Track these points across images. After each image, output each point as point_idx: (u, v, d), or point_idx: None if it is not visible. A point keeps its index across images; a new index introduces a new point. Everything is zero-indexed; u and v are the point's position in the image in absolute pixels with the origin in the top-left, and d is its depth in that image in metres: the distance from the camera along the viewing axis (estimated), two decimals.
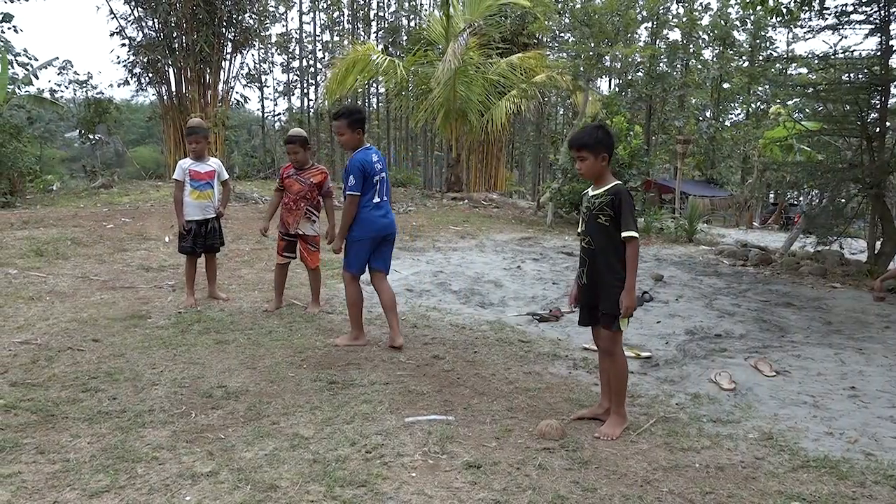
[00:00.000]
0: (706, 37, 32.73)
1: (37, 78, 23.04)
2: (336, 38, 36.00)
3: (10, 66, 20.46)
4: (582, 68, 16.41)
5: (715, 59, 33.51)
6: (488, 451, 3.36)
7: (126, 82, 24.94)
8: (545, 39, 24.76)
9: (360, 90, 28.76)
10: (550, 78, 17.74)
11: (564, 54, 19.41)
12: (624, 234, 3.52)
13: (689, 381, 4.65)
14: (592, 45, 16.20)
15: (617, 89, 31.21)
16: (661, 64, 30.13)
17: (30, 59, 24.82)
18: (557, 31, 25.62)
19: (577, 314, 3.89)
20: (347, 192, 4.99)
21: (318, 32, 37.18)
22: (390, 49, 30.00)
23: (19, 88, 20.82)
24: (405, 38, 31.53)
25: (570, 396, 4.22)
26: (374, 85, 32.87)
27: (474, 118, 18.09)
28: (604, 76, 30.11)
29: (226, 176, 6.56)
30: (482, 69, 18.06)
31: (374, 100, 37.60)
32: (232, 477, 3.04)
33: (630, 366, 4.84)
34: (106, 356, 4.79)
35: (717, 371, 4.78)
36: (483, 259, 9.42)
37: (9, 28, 23.85)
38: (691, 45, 32.01)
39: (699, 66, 32.50)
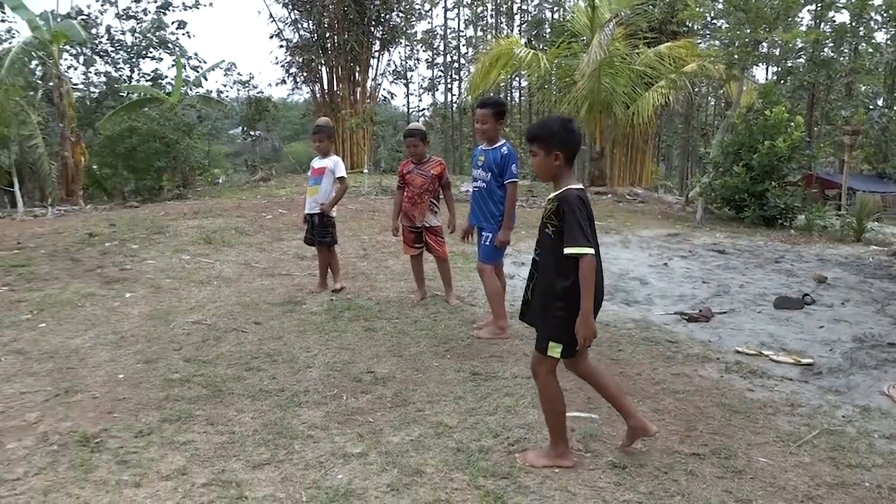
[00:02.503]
0: (879, 18, 29.88)
1: (206, 79, 24.97)
2: (479, 34, 36.32)
3: (183, 70, 22.29)
4: (736, 56, 15.52)
5: (889, 42, 30.55)
6: (633, 453, 3.28)
7: (283, 81, 26.61)
8: (696, 27, 23.65)
9: (502, 84, 28.84)
10: (701, 67, 16.94)
11: (717, 42, 18.43)
12: (566, 251, 2.92)
13: (858, 393, 4.29)
14: (748, 31, 15.25)
15: (775, 77, 29.26)
16: (826, 49, 27.87)
17: (200, 62, 26.98)
18: (710, 18, 24.38)
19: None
20: (513, 180, 5.13)
21: (461, 28, 37.67)
22: (533, 42, 29.84)
23: (191, 90, 22.66)
24: (549, 30, 31.24)
25: (721, 401, 4.02)
26: (517, 79, 32.81)
27: (619, 110, 17.63)
28: (760, 64, 28.35)
29: (340, 173, 6.54)
30: (628, 60, 17.55)
31: (517, 94, 37.58)
32: (380, 459, 3.17)
33: (789, 372, 4.55)
34: (266, 338, 5.13)
35: (891, 384, 4.38)
36: (627, 255, 9.17)
37: (183, 34, 25.98)
38: (861, 28, 29.37)
39: (870, 51, 29.75)
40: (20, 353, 4.79)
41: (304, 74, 25.30)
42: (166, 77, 26.79)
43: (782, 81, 27.23)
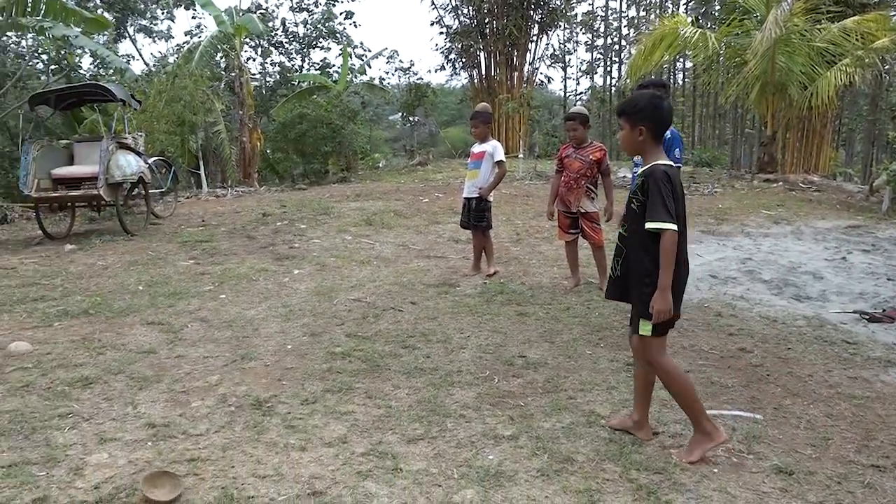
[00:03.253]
0: None
1: (369, 67, 25.92)
2: (642, 14, 34.99)
3: (349, 58, 23.31)
4: None
5: None
6: (802, 459, 3.07)
7: (442, 67, 27.00)
8: None
9: (665, 66, 27.65)
10: (895, 42, 15.28)
11: None
12: (647, 226, 2.92)
13: None
14: None
15: None
16: None
17: (365, 51, 28.04)
18: None
19: None
20: (677, 165, 4.85)
21: (623, 8, 36.48)
22: (700, 21, 28.31)
23: (356, 77, 23.65)
24: (718, 7, 29.49)
25: None
26: (681, 60, 31.33)
27: (795, 91, 16.31)
28: None
29: (499, 157, 6.49)
30: (808, 36, 16.17)
31: (681, 76, 35.89)
32: (531, 444, 3.18)
33: None
34: (421, 318, 5.29)
35: None
36: (800, 247, 8.53)
37: (350, 24, 27.13)
38: None
39: None
40: (204, 320, 5.26)
41: (463, 60, 25.64)
42: (333, 66, 28.11)
43: None
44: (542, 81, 30.22)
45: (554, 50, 34.26)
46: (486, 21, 24.47)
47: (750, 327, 5.17)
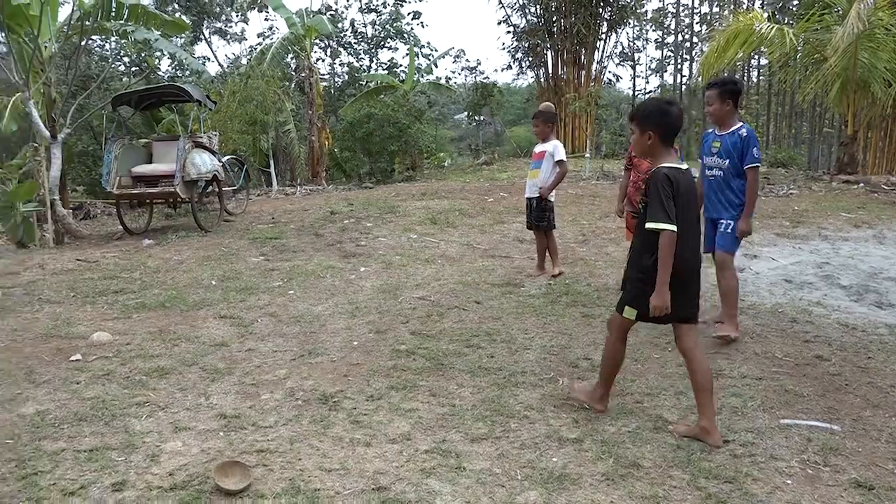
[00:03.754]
0: None
1: (436, 67, 26.09)
2: (716, 9, 34.04)
3: (416, 58, 23.49)
4: None
5: None
6: (883, 473, 2.94)
7: (508, 67, 26.90)
8: None
9: (738, 63, 26.84)
10: None
11: None
12: (646, 225, 3.15)
13: None
14: None
15: None
16: None
17: (431, 50, 28.22)
18: None
19: None
20: (755, 165, 4.69)
21: (696, 4, 35.60)
22: (777, 16, 27.37)
23: (422, 77, 23.82)
24: (796, 2, 28.46)
25: None
26: (756, 57, 30.35)
27: (878, 89, 15.57)
28: None
29: (559, 157, 6.41)
30: (893, 31, 15.44)
31: (755, 73, 34.77)
32: (595, 447, 3.14)
33: None
34: (486, 317, 5.29)
35: None
36: (882, 252, 8.14)
37: (417, 24, 27.34)
38: None
39: None
40: (273, 315, 5.40)
41: (530, 59, 25.50)
42: (401, 66, 28.39)
43: None
44: (610, 80, 29.81)
45: (623, 48, 33.75)
46: (554, 19, 24.26)
47: (827, 334, 4.97)
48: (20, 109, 12.41)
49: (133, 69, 21.87)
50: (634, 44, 36.41)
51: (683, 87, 34.37)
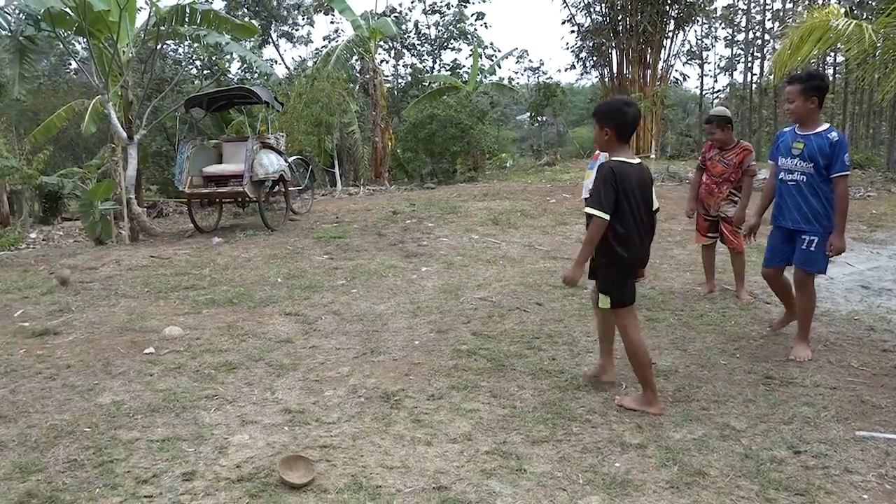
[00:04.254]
0: None
1: (499, 67, 26.03)
2: (789, 6, 32.92)
3: (479, 58, 23.49)
4: None
5: None
6: None
7: (572, 66, 26.61)
8: None
9: (813, 61, 25.89)
10: None
11: None
12: (584, 209, 3.55)
13: None
14: None
15: None
16: None
17: (494, 51, 28.18)
18: None
19: None
20: (845, 173, 4.22)
21: (768, 1, 34.50)
22: (855, 11, 26.29)
23: (485, 77, 23.80)
24: None
25: None
26: (832, 54, 29.22)
27: None
28: None
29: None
30: None
31: (830, 71, 33.47)
32: (659, 454, 3.07)
33: None
34: (547, 319, 5.25)
35: None
36: None
37: (481, 25, 27.36)
38: None
39: None
40: (336, 313, 5.48)
41: (594, 58, 25.21)
42: (463, 66, 28.45)
43: None
44: (676, 79, 29.18)
45: (690, 46, 32.89)
46: (619, 18, 23.92)
47: None
48: (99, 111, 12.97)
49: (205, 72, 22.56)
50: (703, 42, 35.45)
51: (754, 85, 33.33)
